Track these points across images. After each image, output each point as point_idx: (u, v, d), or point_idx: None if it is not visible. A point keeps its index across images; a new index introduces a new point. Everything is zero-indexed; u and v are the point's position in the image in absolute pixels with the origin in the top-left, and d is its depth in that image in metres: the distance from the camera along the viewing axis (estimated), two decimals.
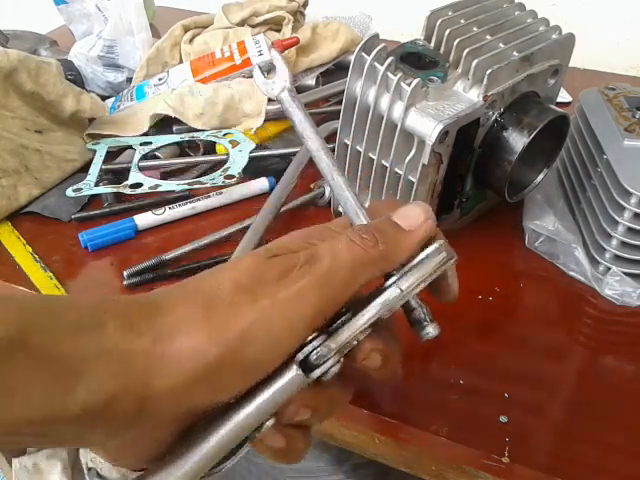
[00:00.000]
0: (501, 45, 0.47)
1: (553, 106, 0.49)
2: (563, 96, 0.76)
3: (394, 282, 0.27)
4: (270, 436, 0.28)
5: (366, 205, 0.31)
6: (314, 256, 0.27)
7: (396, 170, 0.46)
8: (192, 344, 0.24)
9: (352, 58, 0.44)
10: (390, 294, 0.27)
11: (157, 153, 0.64)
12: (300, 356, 0.26)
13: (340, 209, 0.53)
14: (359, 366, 0.28)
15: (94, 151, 0.64)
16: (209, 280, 0.27)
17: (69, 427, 0.23)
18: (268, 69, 0.30)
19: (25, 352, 0.22)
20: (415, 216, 0.29)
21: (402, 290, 0.27)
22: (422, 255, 0.28)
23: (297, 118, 0.32)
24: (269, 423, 0.26)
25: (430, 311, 0.29)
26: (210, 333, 0.25)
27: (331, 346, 0.26)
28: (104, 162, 0.62)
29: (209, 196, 0.59)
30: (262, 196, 0.59)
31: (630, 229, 0.46)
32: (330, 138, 0.60)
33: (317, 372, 0.26)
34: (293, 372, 0.26)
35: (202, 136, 0.65)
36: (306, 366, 0.26)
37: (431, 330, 0.29)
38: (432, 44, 0.48)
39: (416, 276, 0.28)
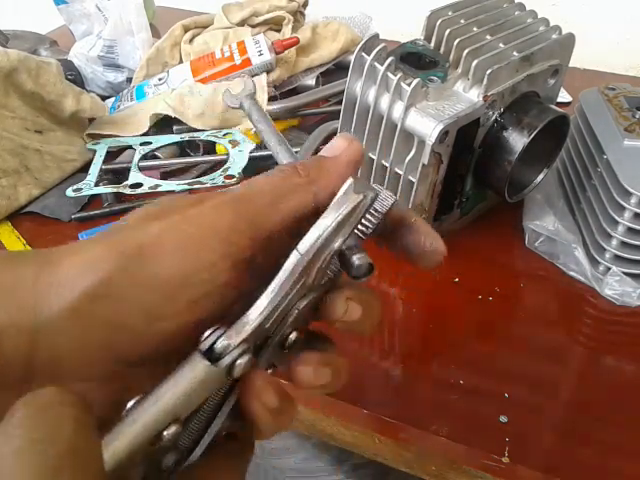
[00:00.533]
0: (501, 45, 0.47)
1: (553, 106, 0.49)
2: (563, 96, 0.76)
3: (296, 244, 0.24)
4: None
5: None
6: (229, 189, 0.25)
7: (396, 170, 0.46)
8: (84, 260, 0.21)
9: (352, 58, 0.44)
10: (290, 263, 0.23)
11: (157, 153, 0.64)
12: (204, 346, 0.22)
13: None
14: (341, 324, 0.25)
15: (94, 151, 0.64)
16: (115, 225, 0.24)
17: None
18: (268, 69, 0.31)
19: None
20: (337, 145, 0.28)
21: (301, 253, 0.23)
22: (335, 199, 0.24)
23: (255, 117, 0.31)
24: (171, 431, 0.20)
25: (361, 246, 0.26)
26: (105, 248, 0.22)
27: (235, 334, 0.22)
28: (104, 162, 0.62)
29: None
30: None
31: (630, 229, 0.46)
32: (330, 138, 0.60)
33: (227, 360, 0.22)
34: (198, 362, 0.21)
35: (202, 136, 0.65)
36: (212, 357, 0.22)
37: (355, 260, 0.24)
38: (432, 44, 0.48)
39: (320, 229, 0.23)
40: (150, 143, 0.64)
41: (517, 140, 0.46)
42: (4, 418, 0.16)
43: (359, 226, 0.25)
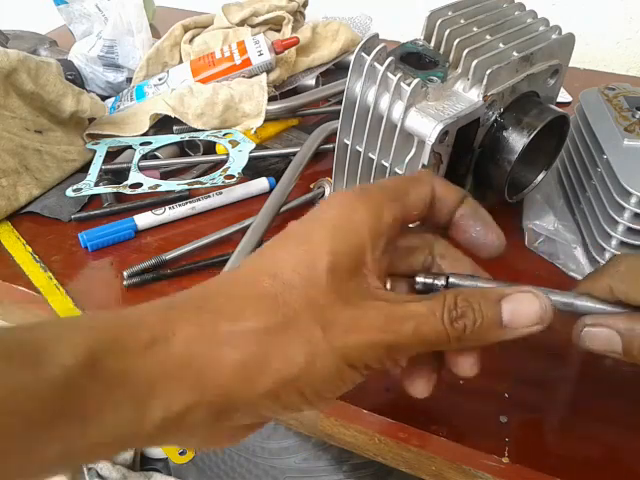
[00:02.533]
0: (501, 45, 0.47)
1: (553, 106, 0.49)
2: (563, 96, 0.76)
3: None
4: None
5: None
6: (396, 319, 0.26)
7: (396, 170, 0.46)
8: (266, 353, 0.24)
9: (352, 58, 0.44)
10: None
11: (157, 153, 0.64)
12: None
13: None
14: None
15: (94, 151, 0.64)
16: (273, 286, 0.26)
17: (143, 441, 0.24)
18: (268, 69, 0.30)
19: (96, 378, 0.22)
20: (526, 316, 0.28)
21: None
22: None
23: None
24: None
25: None
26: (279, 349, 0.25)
27: None
28: (104, 162, 0.62)
29: (209, 196, 0.59)
30: (262, 196, 0.59)
31: (630, 229, 0.46)
32: (330, 138, 0.60)
33: None
34: None
35: (202, 136, 0.65)
36: None
37: None
38: (432, 44, 0.48)
39: None
40: (150, 143, 0.64)
41: (517, 140, 0.46)
42: None
43: None
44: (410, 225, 0.30)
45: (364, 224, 0.27)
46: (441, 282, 0.30)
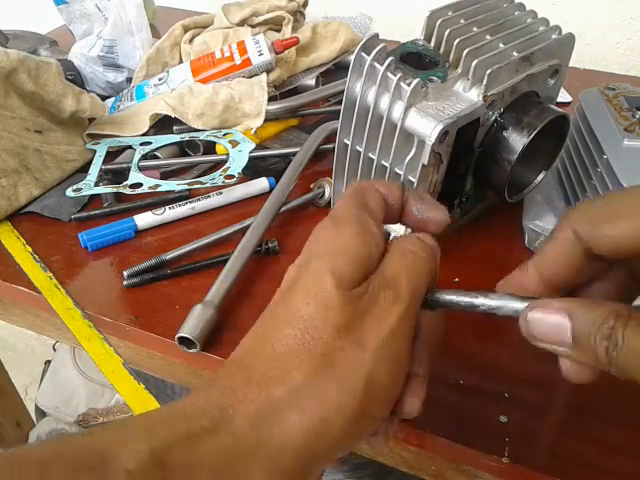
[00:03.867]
0: (501, 45, 0.47)
1: (553, 106, 0.49)
2: (563, 96, 0.76)
3: None
4: None
5: None
6: (390, 283, 0.27)
7: (396, 170, 0.46)
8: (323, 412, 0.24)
9: (352, 58, 0.44)
10: None
11: (157, 153, 0.64)
12: None
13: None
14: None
15: (94, 151, 0.64)
16: (297, 328, 0.26)
17: None
18: (268, 69, 0.30)
19: (164, 479, 0.22)
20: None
21: None
22: None
23: None
24: None
25: None
26: (339, 390, 0.25)
27: None
28: (104, 162, 0.62)
29: (209, 196, 0.59)
30: (262, 196, 0.59)
31: None
32: (330, 138, 0.60)
33: None
34: None
35: (202, 136, 0.65)
36: None
37: None
38: (432, 44, 0.48)
39: None
40: (150, 143, 0.64)
41: (517, 140, 0.46)
42: None
43: None
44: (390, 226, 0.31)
45: (352, 238, 0.28)
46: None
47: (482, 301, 0.28)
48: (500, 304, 0.28)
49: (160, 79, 0.71)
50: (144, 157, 0.62)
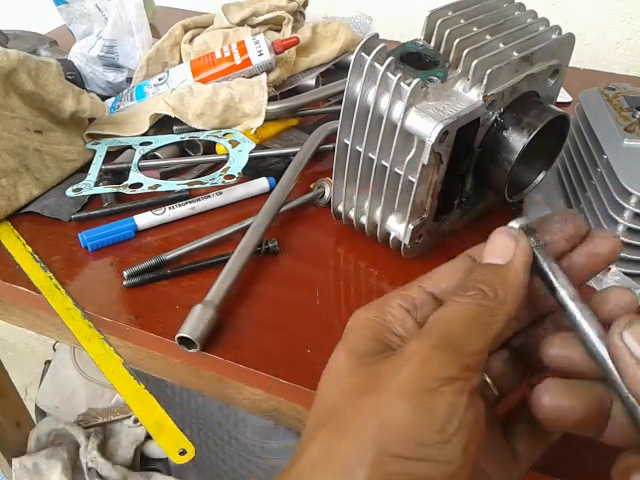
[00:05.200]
0: (501, 45, 0.47)
1: (553, 106, 0.49)
2: (563, 96, 0.76)
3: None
4: None
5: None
6: (415, 334, 0.26)
7: (396, 170, 0.46)
8: None
9: (352, 58, 0.44)
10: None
11: (157, 153, 0.64)
12: None
13: (340, 208, 0.53)
14: None
15: (94, 151, 0.64)
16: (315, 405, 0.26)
17: None
18: (268, 69, 0.30)
19: None
20: (504, 245, 0.28)
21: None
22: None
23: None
24: None
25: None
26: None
27: None
28: (104, 162, 0.62)
29: (209, 196, 0.59)
30: (262, 196, 0.59)
31: (630, 229, 0.46)
32: (330, 138, 0.60)
33: None
34: None
35: (202, 136, 0.65)
36: None
37: None
38: (432, 44, 0.48)
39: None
40: (150, 143, 0.64)
41: (517, 140, 0.46)
42: None
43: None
44: None
45: (364, 318, 0.28)
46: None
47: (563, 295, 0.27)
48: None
49: (160, 79, 0.71)
50: (144, 157, 0.62)
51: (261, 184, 0.60)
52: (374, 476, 0.23)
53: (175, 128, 0.66)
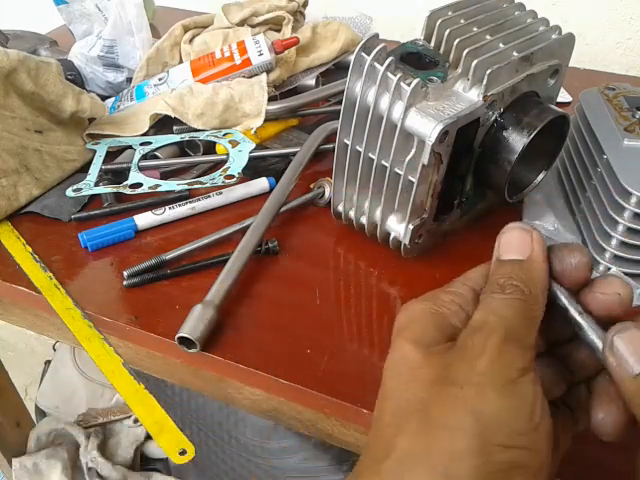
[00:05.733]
0: (501, 45, 0.47)
1: (553, 106, 0.49)
2: (563, 96, 0.76)
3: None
4: None
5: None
6: (476, 328, 0.26)
7: (396, 170, 0.46)
8: None
9: (352, 58, 0.44)
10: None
11: (157, 153, 0.64)
12: None
13: (340, 208, 0.53)
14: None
15: (94, 151, 0.64)
16: (392, 399, 0.27)
17: None
18: (268, 69, 0.30)
19: None
20: (522, 240, 0.29)
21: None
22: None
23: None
24: None
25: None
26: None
27: None
28: (104, 162, 0.62)
29: (209, 196, 0.59)
30: (262, 196, 0.59)
31: (630, 229, 0.46)
32: (330, 138, 0.60)
33: None
34: None
35: (202, 136, 0.65)
36: None
37: None
38: (432, 44, 0.48)
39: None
40: (150, 143, 0.64)
41: (517, 140, 0.46)
42: None
43: None
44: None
45: (421, 310, 0.29)
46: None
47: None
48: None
49: (160, 79, 0.71)
50: (144, 157, 0.62)
51: (261, 184, 0.60)
52: (481, 466, 0.23)
53: (175, 128, 0.66)
